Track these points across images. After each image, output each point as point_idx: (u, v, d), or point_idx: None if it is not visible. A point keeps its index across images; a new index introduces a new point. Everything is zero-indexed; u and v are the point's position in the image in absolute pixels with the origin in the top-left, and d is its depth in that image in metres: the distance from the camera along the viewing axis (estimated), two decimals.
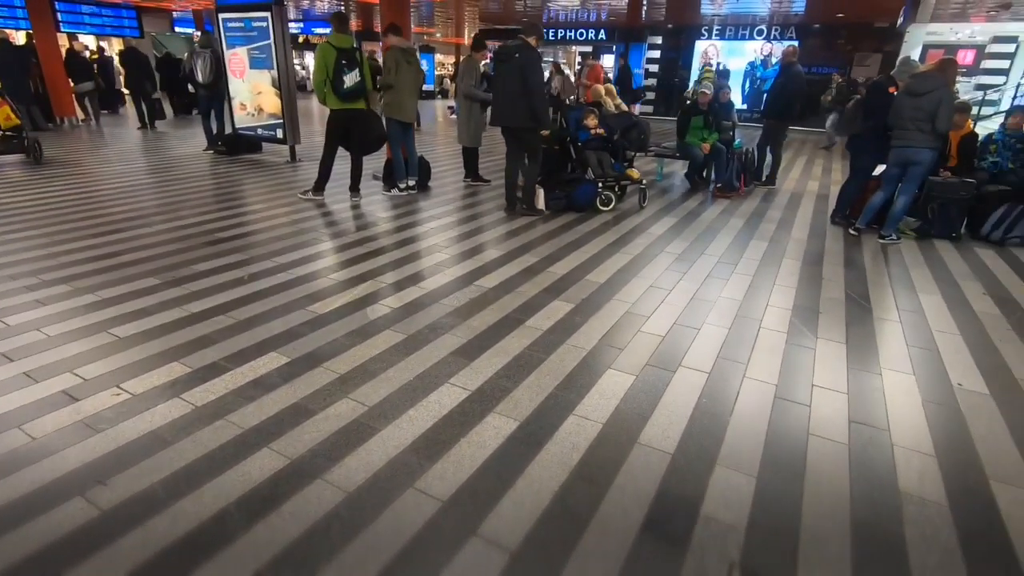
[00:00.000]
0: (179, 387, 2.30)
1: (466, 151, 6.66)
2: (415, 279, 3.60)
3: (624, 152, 6.12)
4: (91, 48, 12.93)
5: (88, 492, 1.72)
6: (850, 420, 2.25)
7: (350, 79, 5.12)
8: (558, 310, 3.19)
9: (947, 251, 4.65)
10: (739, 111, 8.68)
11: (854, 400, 2.39)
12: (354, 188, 5.72)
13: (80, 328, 2.77)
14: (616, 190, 5.69)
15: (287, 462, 1.88)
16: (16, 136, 6.90)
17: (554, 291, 3.47)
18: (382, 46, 6.76)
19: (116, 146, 8.72)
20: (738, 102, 9.31)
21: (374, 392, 2.32)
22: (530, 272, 3.79)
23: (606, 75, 12.17)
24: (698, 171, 6.95)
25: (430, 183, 6.49)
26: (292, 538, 1.58)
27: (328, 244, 4.31)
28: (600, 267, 3.94)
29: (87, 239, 4.16)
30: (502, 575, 1.49)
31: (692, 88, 7.38)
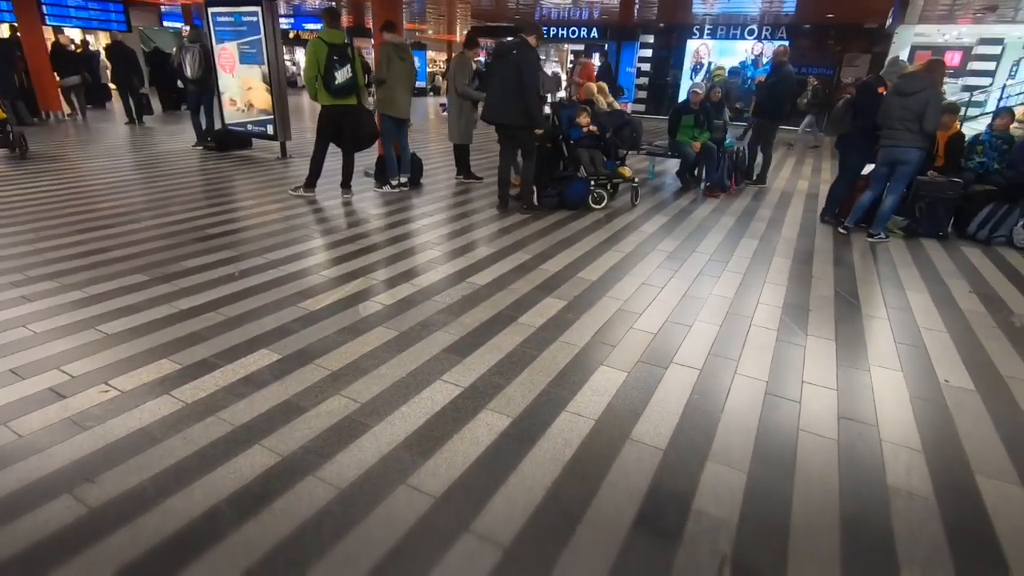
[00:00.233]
0: (168, 384, 2.28)
1: (457, 148, 6.65)
2: (407, 276, 3.59)
3: (616, 150, 6.13)
4: (76, 41, 12.71)
5: (76, 490, 1.70)
6: (839, 416, 2.27)
7: (342, 75, 5.09)
8: (550, 307, 3.19)
9: (934, 250, 4.70)
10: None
11: (843, 396, 2.42)
12: (346, 185, 5.69)
13: (67, 325, 2.74)
14: (608, 188, 5.71)
15: (278, 459, 1.87)
16: (0, 130, 6.79)
17: (546, 288, 3.47)
18: (374, 42, 6.73)
19: (103, 141, 8.60)
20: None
21: (366, 389, 2.31)
22: (522, 269, 3.79)
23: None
24: (689, 170, 6.99)
25: (422, 180, 6.47)
26: (284, 535, 1.57)
27: (319, 241, 4.28)
28: (592, 264, 3.95)
29: (74, 235, 4.10)
30: (495, 570, 1.50)
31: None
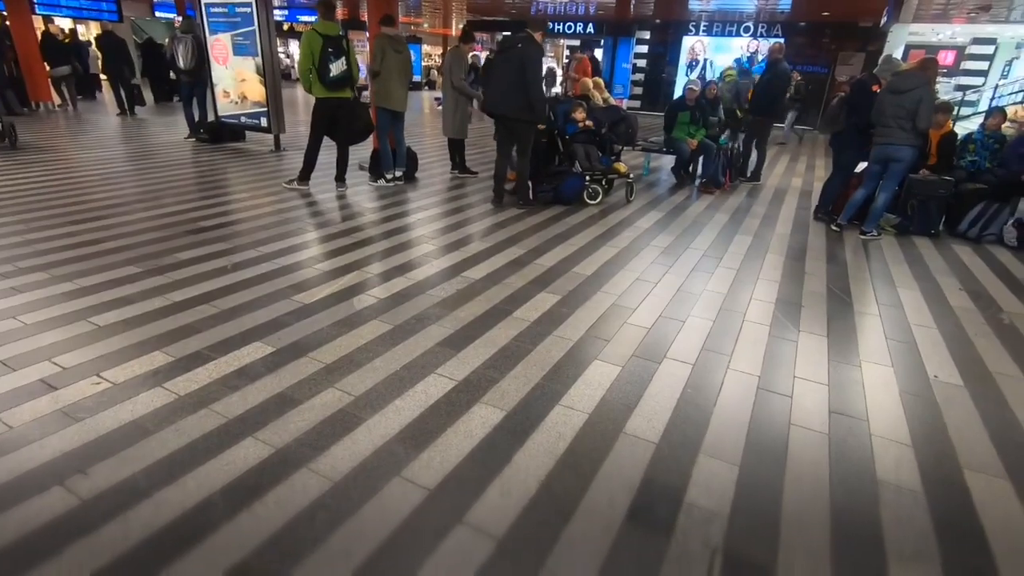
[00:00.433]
0: (161, 376, 2.27)
1: (452, 143, 6.63)
2: (402, 270, 3.58)
3: (611, 146, 6.14)
4: (65, 31, 12.52)
5: (68, 481, 1.69)
6: (830, 411, 2.29)
7: (336, 67, 5.06)
8: (545, 302, 3.20)
9: (926, 247, 4.74)
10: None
11: (834, 391, 2.44)
12: (340, 178, 5.66)
13: (58, 316, 2.72)
14: (603, 184, 5.71)
15: (272, 451, 1.87)
16: None
17: (541, 283, 3.47)
18: (369, 35, 6.68)
19: (94, 132, 8.52)
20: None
21: (360, 382, 2.31)
22: (517, 264, 3.79)
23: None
24: (684, 166, 7.00)
25: (417, 174, 6.45)
26: (277, 527, 1.57)
27: (313, 234, 4.26)
28: (587, 260, 3.96)
29: (65, 226, 4.06)
30: (488, 562, 1.50)
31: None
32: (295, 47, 21.56)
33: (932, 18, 12.01)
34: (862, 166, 5.13)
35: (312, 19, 20.89)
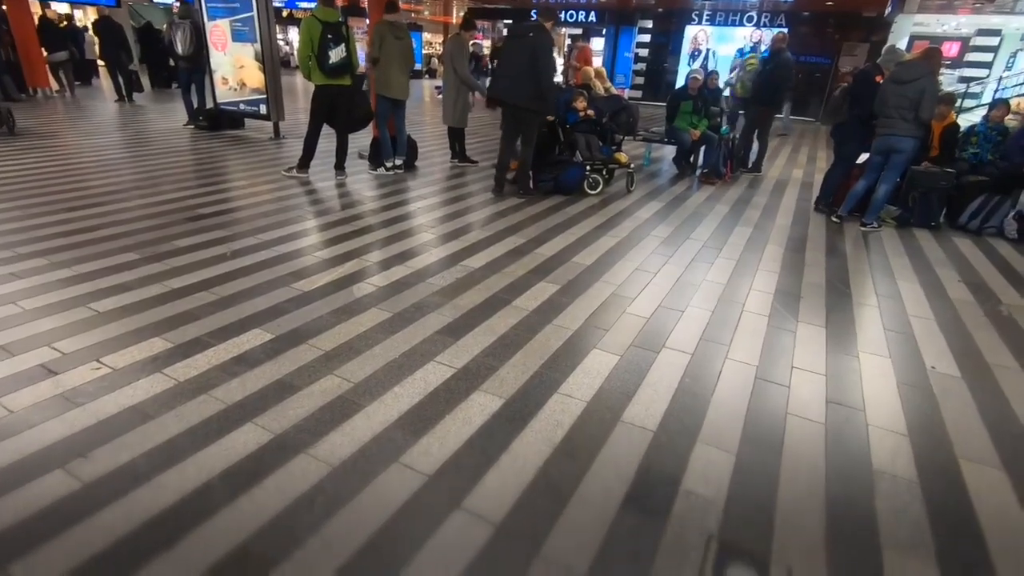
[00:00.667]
0: (161, 362, 2.27)
1: (452, 131, 6.60)
2: (401, 258, 3.58)
3: (612, 136, 6.11)
4: (61, 15, 12.41)
5: (68, 465, 1.70)
6: (827, 400, 2.30)
7: (336, 54, 5.02)
8: (544, 291, 3.20)
9: (926, 239, 4.74)
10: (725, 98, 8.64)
11: (832, 381, 2.45)
12: (339, 166, 5.64)
13: (57, 302, 2.72)
14: (604, 174, 5.69)
15: (271, 437, 1.88)
16: None
17: (541, 272, 3.47)
18: (369, 22, 6.63)
19: (93, 119, 8.47)
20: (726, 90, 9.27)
21: (359, 369, 2.31)
22: (517, 253, 3.79)
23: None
24: (686, 156, 6.97)
25: (417, 163, 6.42)
26: (276, 511, 1.58)
27: (313, 222, 4.25)
28: (587, 249, 3.95)
29: (63, 212, 4.05)
30: (486, 546, 1.52)
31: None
32: (294, 34, 21.38)
33: (937, 8, 11.92)
34: (864, 157, 5.11)
35: (311, 5, 20.71)
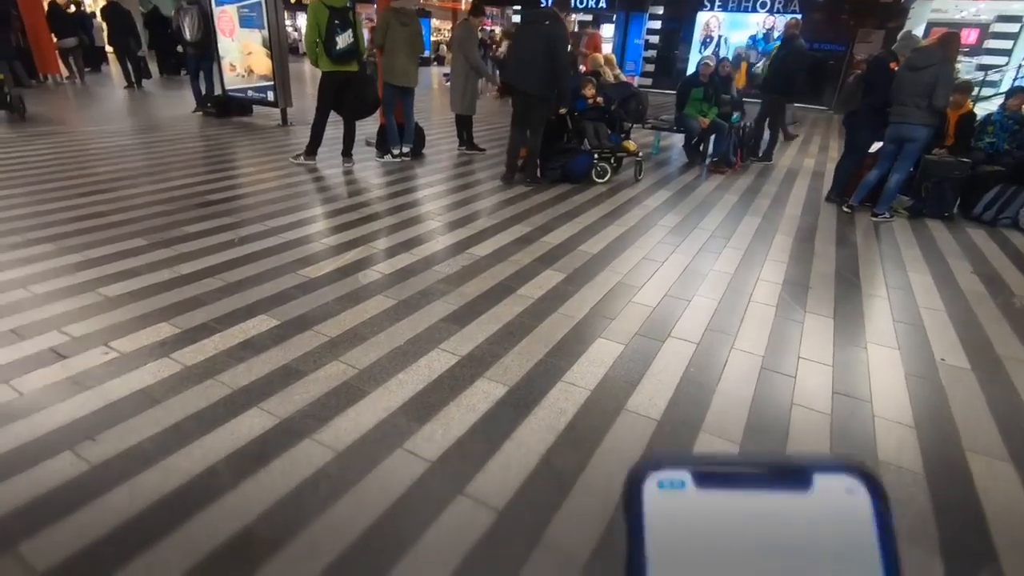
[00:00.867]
0: (168, 347, 2.29)
1: (460, 119, 6.56)
2: (407, 245, 3.58)
3: (621, 124, 6.04)
4: (69, 1, 12.39)
5: (77, 447, 1.72)
6: (834, 392, 2.28)
7: (343, 40, 4.99)
8: (550, 279, 3.19)
9: (938, 230, 4.67)
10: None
11: (839, 372, 2.43)
12: (347, 153, 5.63)
13: (67, 287, 2.74)
14: (612, 162, 5.64)
15: (277, 421, 1.90)
16: None
17: (547, 260, 3.46)
18: (377, 7, 6.57)
19: (102, 105, 8.50)
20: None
21: (364, 355, 2.32)
22: (524, 241, 3.77)
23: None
24: (695, 145, 6.89)
25: (424, 151, 6.40)
26: (281, 495, 1.60)
27: (320, 209, 4.26)
28: (594, 238, 3.93)
29: (73, 198, 4.08)
30: (488, 532, 1.52)
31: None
32: (302, 20, 21.25)
33: None
34: (877, 146, 5.03)
35: None
